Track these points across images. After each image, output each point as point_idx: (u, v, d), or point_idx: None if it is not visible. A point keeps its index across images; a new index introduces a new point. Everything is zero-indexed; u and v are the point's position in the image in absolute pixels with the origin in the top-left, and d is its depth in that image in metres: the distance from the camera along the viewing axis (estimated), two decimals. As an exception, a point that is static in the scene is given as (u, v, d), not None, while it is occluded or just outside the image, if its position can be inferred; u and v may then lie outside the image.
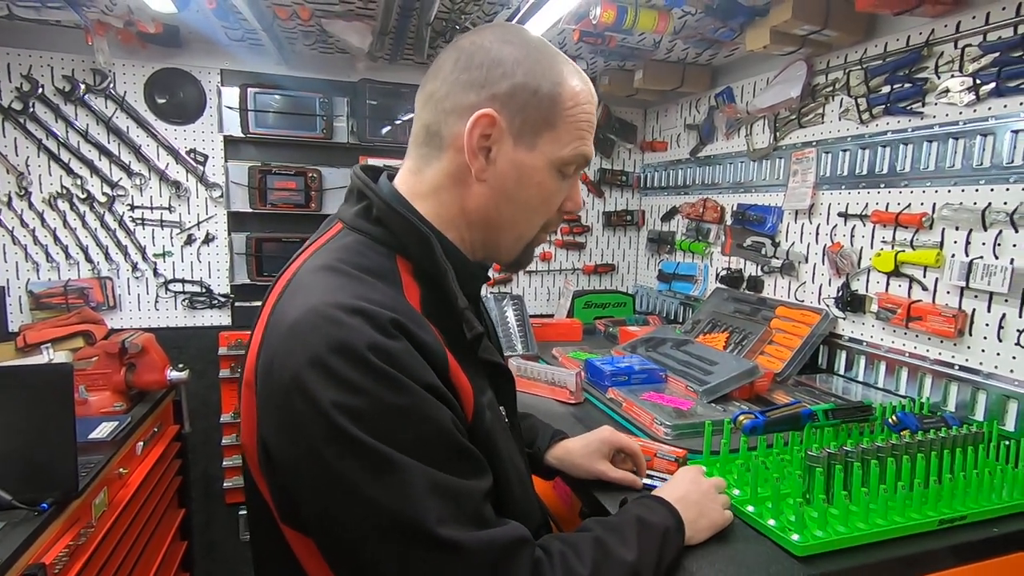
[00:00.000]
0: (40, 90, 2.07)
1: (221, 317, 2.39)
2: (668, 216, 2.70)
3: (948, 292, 1.45)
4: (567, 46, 2.16)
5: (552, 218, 0.85)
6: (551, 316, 2.76)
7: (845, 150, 1.74)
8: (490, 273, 0.95)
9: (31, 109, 2.07)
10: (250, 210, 2.34)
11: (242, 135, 2.29)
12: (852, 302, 1.70)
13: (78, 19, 1.87)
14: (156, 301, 2.30)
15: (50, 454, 1.26)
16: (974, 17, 1.39)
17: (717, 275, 2.31)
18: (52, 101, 2.09)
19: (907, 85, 1.53)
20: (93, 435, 1.59)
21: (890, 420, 1.22)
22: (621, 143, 2.86)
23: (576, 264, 2.90)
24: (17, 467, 1.23)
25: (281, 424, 0.64)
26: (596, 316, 2.70)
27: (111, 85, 2.14)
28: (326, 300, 0.64)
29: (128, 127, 2.19)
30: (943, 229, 1.46)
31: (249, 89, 2.27)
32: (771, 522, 0.94)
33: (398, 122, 2.46)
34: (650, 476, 1.13)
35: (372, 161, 2.46)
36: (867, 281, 1.68)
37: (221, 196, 2.31)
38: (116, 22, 1.92)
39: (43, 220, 2.12)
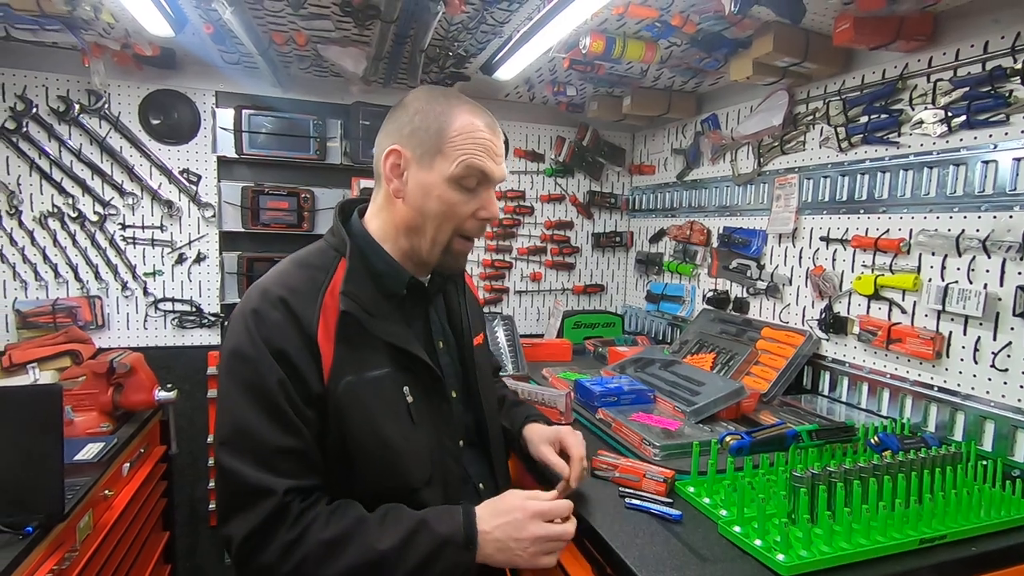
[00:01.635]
0: (34, 110, 2.08)
1: (211, 336, 2.38)
2: (656, 238, 2.74)
3: (926, 315, 1.50)
4: (557, 73, 2.22)
5: (468, 225, 1.03)
6: (541, 336, 2.78)
7: (826, 176, 1.80)
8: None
9: (24, 128, 2.08)
10: (242, 230, 2.35)
11: (236, 156, 2.32)
12: (835, 324, 1.74)
13: (75, 41, 1.89)
14: (145, 320, 2.29)
15: (36, 476, 1.24)
16: (944, 53, 1.46)
17: (704, 296, 2.35)
18: (46, 121, 2.10)
19: (883, 116, 1.60)
20: (79, 456, 1.57)
21: (872, 441, 1.24)
22: (610, 166, 2.92)
23: (566, 284, 2.94)
24: (2, 489, 1.21)
25: None
26: (586, 336, 2.72)
27: (106, 105, 2.15)
28: (262, 281, 0.99)
29: (121, 147, 2.20)
30: (920, 254, 1.51)
31: (244, 111, 2.30)
32: (757, 542, 0.96)
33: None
34: (639, 497, 1.15)
35: (364, 182, 2.48)
36: (849, 304, 1.72)
37: (213, 216, 2.32)
38: (113, 44, 1.94)
39: (33, 238, 2.12)
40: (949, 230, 1.44)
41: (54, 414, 1.27)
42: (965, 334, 1.41)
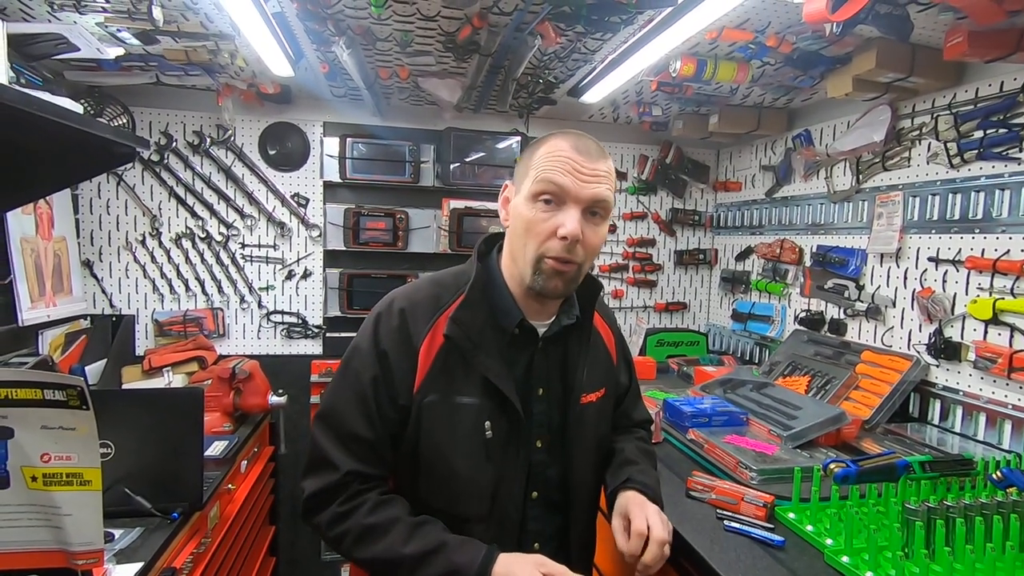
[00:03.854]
0: (174, 143, 2.37)
1: (314, 347, 2.58)
2: (743, 256, 2.69)
3: (1055, 343, 1.39)
4: (644, 94, 2.25)
5: (550, 244, 1.02)
6: (623, 353, 2.78)
7: (935, 194, 1.72)
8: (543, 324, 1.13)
9: (166, 160, 2.37)
10: (344, 248, 2.54)
11: (340, 180, 2.52)
12: (946, 349, 1.64)
13: (211, 83, 2.14)
14: (259, 330, 2.52)
15: (181, 468, 1.40)
16: (1074, 63, 1.36)
17: (796, 316, 2.28)
18: (183, 153, 2.39)
19: (1002, 131, 1.51)
20: (208, 453, 1.75)
21: (995, 476, 1.17)
22: (693, 183, 2.90)
23: (648, 302, 2.93)
24: (153, 479, 1.36)
25: None
26: (668, 354, 2.70)
27: (232, 138, 2.41)
28: (397, 291, 1.12)
29: (243, 174, 2.45)
30: (1047, 277, 1.41)
31: (348, 139, 2.50)
32: (869, 574, 0.94)
33: (467, 161, 2.61)
34: (738, 521, 1.15)
35: (454, 203, 2.61)
36: (962, 328, 1.62)
37: (319, 235, 2.53)
38: (241, 84, 2.19)
39: (169, 257, 2.40)
40: (1082, 252, 1.34)
41: (197, 414, 1.43)
42: (1103, 365, 1.30)
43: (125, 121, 2.26)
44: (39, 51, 1.46)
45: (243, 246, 2.47)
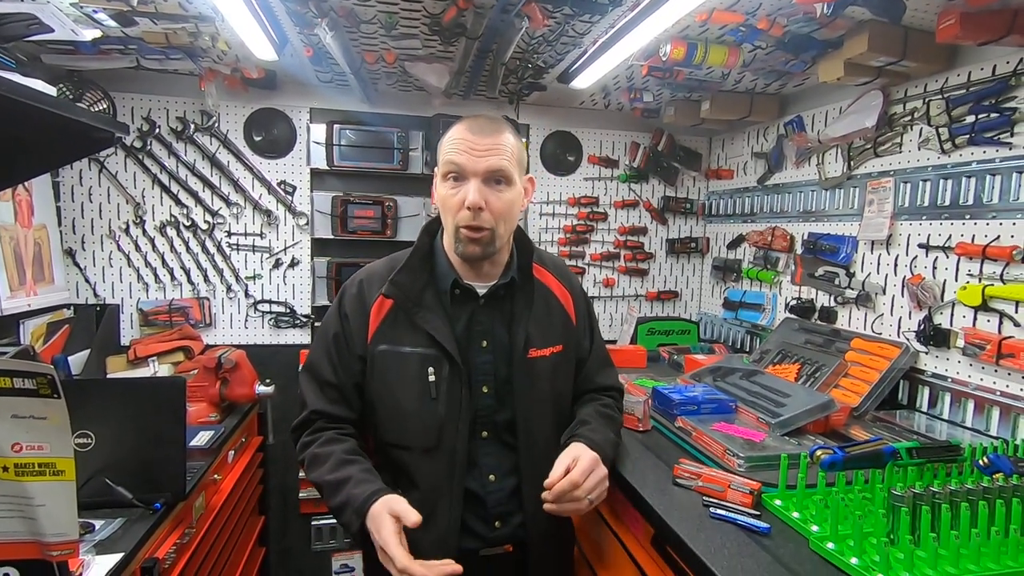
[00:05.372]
0: (157, 130, 2.33)
1: (302, 336, 2.55)
2: (734, 244, 2.67)
3: (1044, 329, 1.39)
4: (634, 80, 2.22)
5: (460, 215, 1.17)
6: (614, 342, 2.77)
7: (925, 180, 1.70)
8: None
9: (149, 146, 2.32)
10: (332, 237, 2.51)
11: (327, 167, 2.48)
12: (935, 336, 1.64)
13: (193, 67, 2.10)
14: (246, 320, 2.49)
15: (163, 458, 1.38)
16: (1067, 46, 1.35)
17: (787, 304, 2.27)
18: (166, 139, 2.34)
19: (993, 115, 1.49)
20: (193, 443, 1.73)
21: (981, 462, 1.17)
22: (686, 171, 2.88)
23: (639, 290, 2.91)
24: (135, 469, 1.35)
25: None
26: (660, 343, 2.69)
27: (216, 124, 2.37)
28: (363, 268, 1.33)
29: (229, 161, 2.41)
30: (1037, 263, 1.40)
31: (335, 125, 2.46)
32: (854, 560, 0.94)
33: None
34: (724, 508, 1.14)
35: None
36: (951, 315, 1.62)
37: (307, 224, 2.50)
38: (224, 69, 2.14)
39: (154, 245, 2.36)
40: (1072, 237, 1.33)
41: (179, 403, 1.42)
42: (1091, 350, 1.30)
43: (106, 106, 2.22)
44: (10, 32, 1.42)
45: (229, 234, 2.43)
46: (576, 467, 1.12)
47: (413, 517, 1.04)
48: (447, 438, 1.21)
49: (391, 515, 1.05)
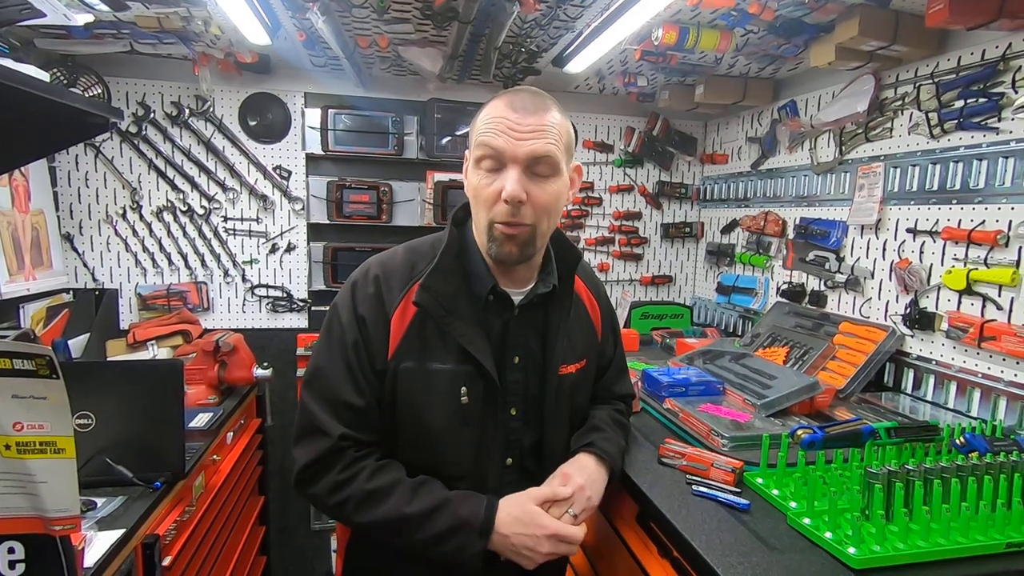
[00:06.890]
0: (152, 114, 2.33)
1: (299, 320, 2.58)
2: (728, 228, 2.69)
3: (1025, 312, 1.41)
4: (628, 64, 2.22)
5: (495, 209, 1.01)
6: (608, 326, 2.79)
7: (914, 165, 1.72)
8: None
9: (144, 132, 2.33)
10: (327, 221, 2.52)
11: (322, 152, 2.49)
12: (921, 320, 1.67)
13: (187, 52, 2.10)
14: (243, 304, 2.52)
15: (162, 439, 1.41)
16: (1055, 31, 1.35)
17: (778, 289, 2.29)
18: (161, 124, 2.35)
19: (982, 100, 1.50)
20: (192, 424, 1.77)
21: (958, 441, 1.20)
22: (681, 156, 2.88)
23: (633, 275, 2.94)
24: (135, 449, 1.38)
25: None
26: (653, 327, 2.72)
27: (211, 109, 2.37)
28: (373, 258, 1.12)
29: (224, 146, 2.42)
30: (1020, 247, 1.42)
31: (330, 110, 2.46)
32: (827, 535, 0.97)
33: (458, 134, 2.59)
34: (706, 485, 1.18)
35: (438, 176, 2.58)
36: (937, 299, 1.64)
37: (302, 209, 2.51)
38: (218, 53, 2.14)
39: (151, 230, 2.38)
40: (1054, 222, 1.34)
41: (177, 385, 1.45)
42: (1069, 333, 1.32)
43: (100, 91, 2.22)
44: (2, 17, 1.42)
45: (226, 219, 2.45)
46: (573, 494, 1.06)
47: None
48: (479, 466, 1.08)
49: (534, 503, 1.00)
